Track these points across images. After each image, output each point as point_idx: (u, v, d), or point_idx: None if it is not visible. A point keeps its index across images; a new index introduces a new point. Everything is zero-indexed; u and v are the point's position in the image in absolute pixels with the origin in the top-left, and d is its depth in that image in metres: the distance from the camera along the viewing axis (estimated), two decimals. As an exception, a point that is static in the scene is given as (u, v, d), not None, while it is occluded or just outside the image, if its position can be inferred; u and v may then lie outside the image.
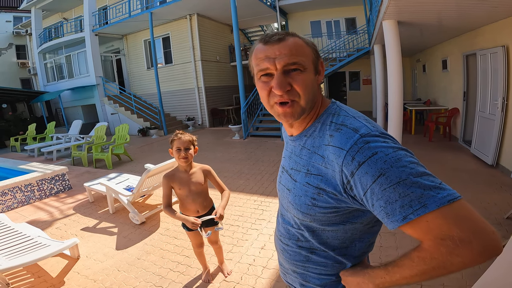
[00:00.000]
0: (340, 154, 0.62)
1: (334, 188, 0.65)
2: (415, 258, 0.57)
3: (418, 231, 0.55)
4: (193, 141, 1.88)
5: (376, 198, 0.57)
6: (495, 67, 3.99)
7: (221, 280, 2.21)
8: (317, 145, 0.71)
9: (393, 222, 0.56)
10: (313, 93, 0.72)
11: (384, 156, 0.57)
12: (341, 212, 0.70)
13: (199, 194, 1.94)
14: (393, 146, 0.59)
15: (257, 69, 0.71)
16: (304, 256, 0.82)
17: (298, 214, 0.76)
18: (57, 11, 13.72)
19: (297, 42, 0.69)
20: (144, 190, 3.40)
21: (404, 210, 0.54)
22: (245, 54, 12.25)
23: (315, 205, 0.70)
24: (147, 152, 7.58)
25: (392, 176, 0.55)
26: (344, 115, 0.71)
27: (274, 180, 4.45)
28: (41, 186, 4.36)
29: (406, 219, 0.54)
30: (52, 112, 14.39)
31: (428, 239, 0.55)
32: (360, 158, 0.59)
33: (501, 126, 3.96)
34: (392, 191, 0.55)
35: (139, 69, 12.29)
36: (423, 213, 0.53)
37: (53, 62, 13.36)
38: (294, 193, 0.76)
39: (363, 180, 0.58)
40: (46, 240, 2.54)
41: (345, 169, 0.61)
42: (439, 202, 0.52)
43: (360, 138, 0.61)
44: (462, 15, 3.80)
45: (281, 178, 0.87)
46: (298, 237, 0.82)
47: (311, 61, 0.71)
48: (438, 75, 7.09)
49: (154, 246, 2.78)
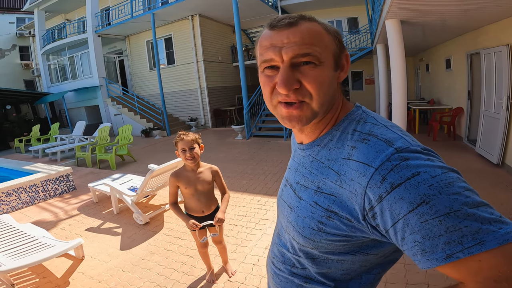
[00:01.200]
0: (366, 173, 0.49)
1: (350, 213, 0.52)
2: None
3: (462, 272, 0.44)
4: (196, 140, 1.87)
5: (410, 231, 0.44)
6: (500, 66, 3.96)
7: (226, 280, 2.21)
8: (333, 158, 0.57)
9: (430, 260, 0.44)
10: (330, 94, 0.57)
11: (430, 178, 0.44)
12: (352, 241, 0.56)
13: (205, 194, 1.94)
14: (442, 166, 0.46)
15: (261, 59, 0.57)
16: (296, 285, 0.69)
17: (298, 238, 0.62)
18: (60, 12, 13.81)
19: (313, 28, 0.54)
20: (148, 190, 3.41)
21: (450, 248, 0.42)
22: (247, 55, 12.27)
23: (322, 230, 0.57)
24: (151, 153, 7.60)
25: (440, 205, 0.42)
26: (372, 122, 0.56)
27: (277, 180, 4.45)
28: (46, 186, 4.38)
29: (451, 258, 0.42)
30: (56, 113, 14.50)
31: (476, 281, 0.43)
32: (394, 179, 0.45)
33: (506, 125, 3.93)
34: (437, 224, 0.42)
35: (141, 70, 12.35)
36: (477, 251, 0.41)
37: (56, 63, 13.47)
38: (296, 213, 0.62)
39: (395, 207, 0.45)
40: (51, 241, 2.55)
41: (370, 192, 0.48)
42: (502, 239, 0.41)
43: (395, 153, 0.47)
44: (466, 14, 3.77)
45: (283, 192, 0.73)
46: (294, 262, 0.69)
47: (331, 53, 0.55)
48: (442, 75, 7.04)
49: (158, 246, 2.78)
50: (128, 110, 11.10)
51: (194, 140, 1.85)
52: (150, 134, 10.33)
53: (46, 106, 13.37)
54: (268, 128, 8.93)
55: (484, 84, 4.53)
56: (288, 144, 7.15)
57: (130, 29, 11.26)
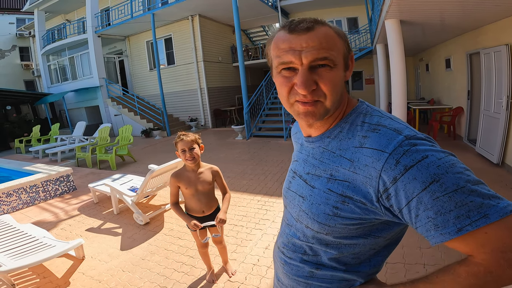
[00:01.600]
0: (380, 157, 0.54)
1: (364, 196, 0.57)
2: (463, 273, 0.51)
3: (471, 245, 0.50)
4: (196, 140, 1.87)
5: (423, 208, 0.50)
6: (499, 65, 3.96)
7: (226, 280, 2.21)
8: (344, 148, 0.62)
9: (443, 234, 0.50)
10: (341, 93, 0.63)
11: (437, 160, 0.50)
12: (365, 224, 0.61)
13: (205, 194, 1.94)
14: (443, 151, 0.52)
15: (278, 61, 0.60)
16: (308, 271, 0.73)
17: (313, 225, 0.67)
18: (59, 13, 13.81)
19: (328, 33, 0.59)
20: (148, 190, 3.42)
21: (460, 221, 0.48)
22: (247, 55, 12.28)
23: (337, 215, 0.61)
24: (151, 153, 7.61)
25: (448, 183, 0.48)
26: (378, 115, 0.63)
27: (277, 180, 4.45)
28: (46, 187, 4.39)
29: (462, 231, 0.48)
30: (56, 113, 14.50)
31: (484, 253, 0.49)
32: (407, 161, 0.51)
33: (506, 124, 3.93)
34: (447, 200, 0.48)
35: (141, 70, 12.36)
36: (483, 224, 0.47)
37: (56, 64, 13.47)
38: (310, 201, 0.67)
39: (409, 187, 0.50)
40: (51, 241, 2.56)
41: (385, 175, 0.53)
42: (502, 212, 0.47)
43: (405, 140, 0.53)
44: (465, 13, 3.77)
45: (291, 184, 0.78)
46: (305, 250, 0.73)
47: (342, 55, 0.61)
48: (442, 74, 7.04)
49: (159, 246, 2.79)
50: (128, 111, 11.11)
51: (194, 140, 1.85)
52: (150, 135, 10.34)
53: (46, 106, 13.37)
54: (268, 128, 8.94)
55: (484, 83, 4.54)
56: (288, 144, 7.17)
57: (130, 29, 11.26)
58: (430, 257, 2.22)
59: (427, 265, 2.14)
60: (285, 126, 7.77)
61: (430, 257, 2.22)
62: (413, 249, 2.35)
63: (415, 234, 2.54)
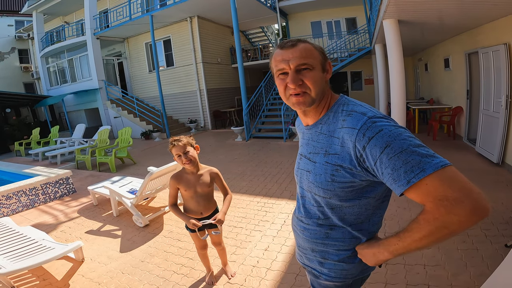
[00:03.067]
0: (353, 133, 0.75)
1: (350, 163, 0.77)
2: (421, 220, 0.67)
3: (420, 195, 0.65)
4: (189, 143, 1.86)
5: (384, 166, 0.68)
6: (498, 65, 3.96)
7: (225, 282, 2.21)
8: (332, 130, 0.85)
9: (400, 186, 0.66)
10: (322, 87, 0.86)
11: (389, 131, 0.69)
12: (356, 187, 0.81)
13: (204, 196, 1.94)
14: (395, 125, 0.72)
15: (276, 69, 0.87)
16: (324, 233, 0.93)
17: (319, 191, 0.87)
18: (58, 15, 13.83)
19: (307, 47, 0.84)
20: (147, 192, 3.41)
21: (407, 175, 0.65)
22: (246, 56, 12.29)
23: (334, 181, 0.82)
24: (150, 155, 7.61)
25: (396, 146, 0.66)
26: (352, 104, 0.85)
27: (277, 182, 4.45)
28: (46, 189, 4.38)
29: (410, 182, 0.64)
30: (55, 116, 14.50)
31: (429, 201, 0.64)
32: (370, 134, 0.71)
33: (505, 124, 3.93)
34: (397, 159, 0.66)
35: (141, 72, 12.36)
36: (422, 176, 0.63)
37: (55, 66, 13.46)
38: (314, 173, 0.87)
39: (373, 151, 0.70)
40: (50, 243, 2.55)
41: (358, 145, 0.73)
42: (434, 167, 0.63)
43: (368, 119, 0.74)
44: (463, 13, 3.77)
45: (300, 164, 0.99)
46: (319, 215, 0.93)
47: (319, 62, 0.85)
48: (441, 74, 7.05)
49: (158, 248, 2.78)
50: (128, 113, 11.10)
51: (187, 143, 1.84)
52: (150, 137, 10.33)
53: (46, 109, 13.38)
54: (268, 129, 8.94)
55: (482, 83, 4.54)
56: (288, 145, 7.18)
57: (129, 31, 11.28)
58: (430, 258, 2.21)
59: (427, 266, 2.14)
60: (285, 127, 7.77)
61: (431, 258, 2.21)
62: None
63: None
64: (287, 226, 2.98)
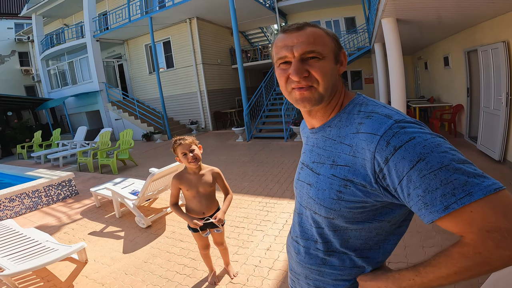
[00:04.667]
0: (373, 140, 0.58)
1: (364, 178, 0.61)
2: (455, 254, 0.52)
3: (459, 224, 0.51)
4: (193, 142, 1.89)
5: (413, 186, 0.53)
6: (497, 62, 3.96)
7: (227, 282, 2.22)
8: (343, 135, 0.68)
9: (432, 213, 0.52)
10: (333, 81, 0.69)
11: (423, 141, 0.53)
12: (368, 208, 0.65)
13: (206, 196, 1.96)
14: (431, 133, 0.56)
15: (276, 57, 0.70)
16: (320, 259, 0.76)
17: (320, 210, 0.71)
18: (57, 17, 13.86)
19: (316, 32, 0.67)
20: (149, 194, 3.43)
21: (446, 199, 0.50)
22: (246, 57, 12.31)
23: (341, 199, 0.65)
24: (152, 157, 7.63)
25: (433, 161, 0.51)
26: (373, 104, 0.68)
27: (278, 182, 4.46)
28: (48, 192, 4.41)
29: (448, 209, 0.50)
30: (57, 119, 14.54)
31: (472, 232, 0.50)
32: (396, 142, 0.55)
33: (506, 121, 3.93)
34: (433, 177, 0.50)
35: (141, 74, 12.39)
36: (468, 202, 0.48)
37: (56, 69, 13.50)
38: (316, 187, 0.71)
39: (399, 166, 0.54)
40: (54, 245, 2.57)
41: (378, 156, 0.57)
42: (485, 191, 0.48)
43: (394, 123, 0.58)
44: (461, 11, 3.78)
45: (300, 174, 0.83)
46: (316, 238, 0.76)
47: (331, 50, 0.68)
48: (441, 72, 7.05)
49: (161, 249, 2.80)
50: (129, 115, 11.14)
51: (192, 142, 1.87)
52: (151, 138, 10.37)
53: (47, 112, 13.42)
54: (269, 129, 8.96)
55: (482, 81, 4.54)
56: (289, 145, 7.18)
57: (128, 33, 11.31)
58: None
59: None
60: (285, 127, 7.78)
61: (432, 255, 2.22)
62: (416, 248, 2.35)
63: (418, 233, 2.56)
64: (289, 226, 2.99)
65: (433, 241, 2.39)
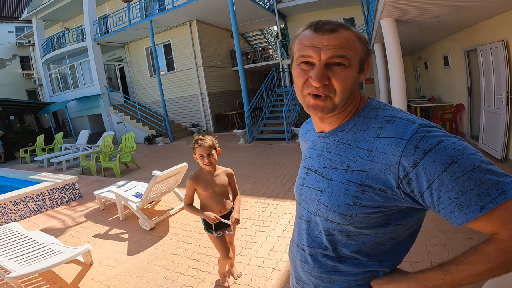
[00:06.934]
0: (399, 144, 0.57)
1: (384, 183, 0.60)
2: (492, 251, 0.53)
3: (494, 222, 0.52)
4: (214, 145, 1.91)
5: (445, 189, 0.53)
6: (497, 62, 3.98)
7: (232, 282, 2.24)
8: (360, 140, 0.66)
9: (468, 214, 0.52)
10: (351, 92, 0.66)
11: (452, 143, 0.53)
12: (385, 212, 0.64)
13: (222, 195, 2.00)
14: (456, 136, 0.56)
15: (299, 54, 0.66)
16: (330, 266, 0.73)
17: (333, 217, 0.68)
18: (58, 21, 13.94)
19: (350, 36, 0.64)
20: (152, 196, 3.46)
21: (481, 200, 0.50)
22: (247, 59, 12.36)
23: (358, 205, 0.64)
24: (154, 160, 7.67)
25: (466, 163, 0.51)
26: (389, 109, 0.67)
27: (280, 183, 4.48)
28: (52, 195, 4.44)
29: (485, 208, 0.50)
30: (59, 123, 14.61)
31: (508, 229, 0.51)
32: (425, 146, 0.54)
33: (507, 120, 3.94)
34: (467, 179, 0.51)
35: (142, 77, 12.45)
36: (502, 200, 0.50)
37: (57, 73, 13.57)
38: (329, 193, 0.69)
39: (430, 169, 0.53)
40: (59, 247, 2.60)
41: (405, 160, 0.56)
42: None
43: (420, 127, 0.57)
44: (459, 10, 3.80)
45: (306, 180, 0.79)
46: (326, 245, 0.73)
47: (359, 58, 0.66)
48: (441, 72, 7.06)
49: (165, 251, 2.82)
50: (131, 118, 11.19)
51: (212, 146, 1.88)
52: (153, 141, 10.41)
53: (49, 116, 13.48)
54: (270, 131, 8.98)
55: (482, 80, 4.55)
56: (290, 146, 7.19)
57: (129, 36, 11.38)
58: (437, 255, 2.23)
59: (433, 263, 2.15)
60: (287, 129, 7.80)
61: (437, 255, 2.23)
62: (419, 247, 2.36)
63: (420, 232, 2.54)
64: (292, 226, 3.01)
65: (436, 240, 2.40)
